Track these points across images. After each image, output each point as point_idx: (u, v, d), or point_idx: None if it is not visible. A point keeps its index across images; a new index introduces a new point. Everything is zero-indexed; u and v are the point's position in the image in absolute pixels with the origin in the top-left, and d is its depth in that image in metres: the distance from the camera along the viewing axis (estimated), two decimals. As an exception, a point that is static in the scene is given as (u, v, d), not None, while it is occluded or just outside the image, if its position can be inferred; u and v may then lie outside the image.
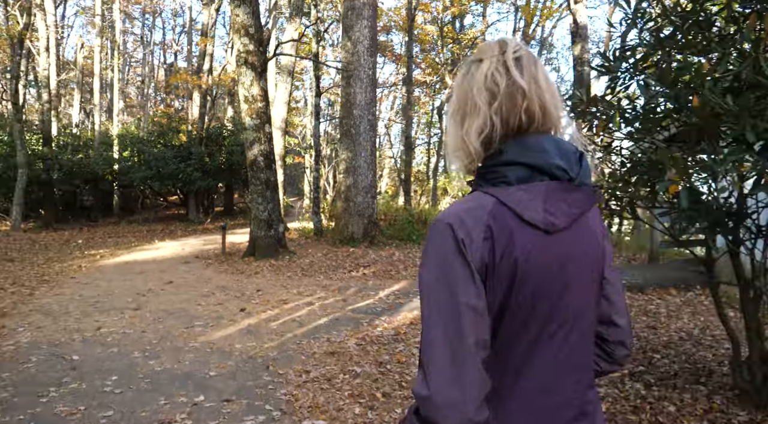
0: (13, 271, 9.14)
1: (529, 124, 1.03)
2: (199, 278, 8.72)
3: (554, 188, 1.00)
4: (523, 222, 0.97)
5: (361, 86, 11.41)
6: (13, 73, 14.43)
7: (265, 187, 10.20)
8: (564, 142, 1.05)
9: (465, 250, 0.96)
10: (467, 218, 0.98)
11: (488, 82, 1.04)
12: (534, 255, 0.98)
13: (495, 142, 1.03)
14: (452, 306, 0.96)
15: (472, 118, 1.05)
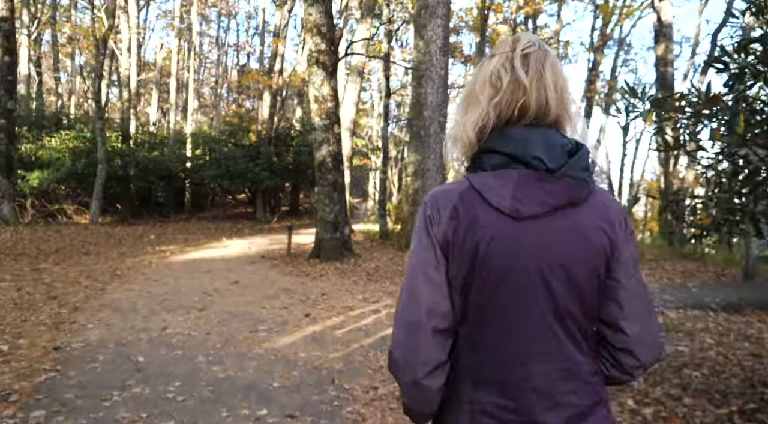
0: (88, 265, 9.38)
1: (519, 118, 1.08)
2: (264, 279, 8.64)
3: (527, 176, 1.04)
4: (490, 206, 1.03)
5: (432, 87, 11.07)
6: (96, 73, 15.05)
7: (333, 188, 10.04)
8: (555, 136, 1.08)
9: (431, 226, 1.06)
10: (440, 198, 1.08)
11: (493, 78, 1.10)
12: (498, 238, 1.03)
13: (486, 134, 1.09)
14: (414, 275, 1.07)
15: (473, 111, 1.11)
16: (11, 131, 13.90)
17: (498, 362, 1.08)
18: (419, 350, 1.06)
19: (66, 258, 10.06)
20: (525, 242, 1.04)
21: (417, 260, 1.09)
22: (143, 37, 34.16)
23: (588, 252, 1.08)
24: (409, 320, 1.07)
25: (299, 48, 21.04)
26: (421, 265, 1.08)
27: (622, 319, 1.13)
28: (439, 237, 1.06)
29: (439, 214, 1.07)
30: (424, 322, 1.05)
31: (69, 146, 16.66)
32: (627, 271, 1.12)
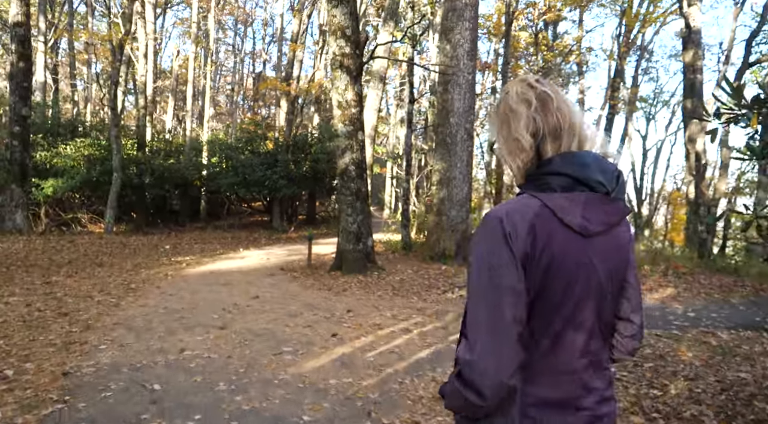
0: (101, 277, 9.01)
1: (563, 124, 1.24)
2: (285, 293, 8.20)
3: (593, 199, 1.20)
4: (562, 224, 1.17)
5: (459, 92, 10.63)
6: (112, 79, 14.78)
7: (356, 197, 9.60)
8: (604, 161, 1.25)
9: (511, 241, 1.16)
10: (515, 215, 1.18)
11: (521, 96, 1.28)
12: (569, 253, 1.18)
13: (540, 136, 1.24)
14: (496, 287, 1.15)
15: (516, 121, 1.27)
16: (26, 139, 13.66)
17: (554, 358, 1.21)
18: (506, 355, 1.14)
19: (79, 270, 9.70)
20: (590, 256, 1.20)
21: (497, 272, 1.16)
22: (160, 45, 34.21)
23: (624, 262, 1.28)
24: (493, 328, 1.15)
25: (317, 54, 20.72)
26: (503, 276, 1.15)
27: (632, 312, 1.35)
28: (519, 251, 1.15)
29: (516, 230, 1.16)
30: (510, 329, 1.14)
31: (84, 154, 16.40)
32: (633, 273, 1.33)
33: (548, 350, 1.21)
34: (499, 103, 1.33)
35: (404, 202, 12.50)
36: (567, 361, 1.22)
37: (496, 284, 1.15)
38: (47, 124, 17.92)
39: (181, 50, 32.44)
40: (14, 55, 13.19)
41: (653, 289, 8.61)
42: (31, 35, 13.78)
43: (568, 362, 1.22)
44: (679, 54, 32.38)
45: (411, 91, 11.83)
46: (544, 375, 1.21)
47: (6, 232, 13.49)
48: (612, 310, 1.29)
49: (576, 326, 1.21)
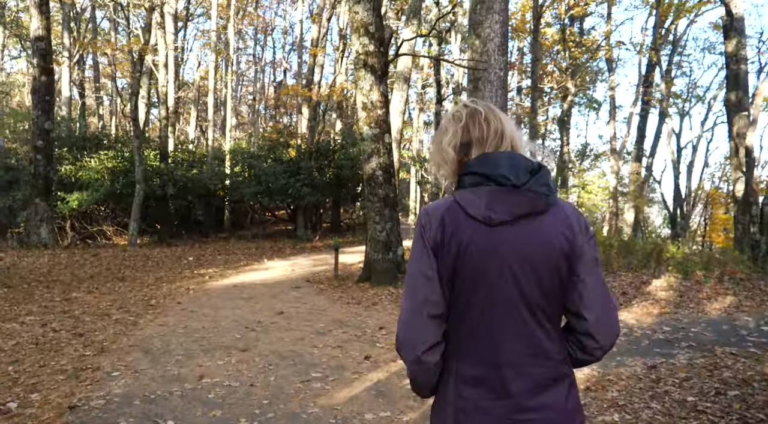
0: (121, 293, 8.65)
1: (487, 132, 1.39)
2: (312, 308, 7.72)
3: (497, 192, 1.31)
4: (468, 215, 1.31)
5: (491, 90, 10.04)
6: (133, 90, 14.58)
7: (384, 204, 9.10)
8: (519, 159, 1.35)
9: (424, 232, 1.34)
10: (431, 211, 1.36)
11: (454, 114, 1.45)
12: (476, 240, 1.29)
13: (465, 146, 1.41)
14: (413, 272, 1.35)
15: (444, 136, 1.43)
16: (49, 153, 13.50)
17: (476, 341, 1.33)
18: (418, 332, 1.31)
19: (100, 285, 9.38)
20: (497, 243, 1.30)
21: (414, 260, 1.36)
22: (182, 58, 34.32)
23: (550, 252, 1.32)
24: (410, 308, 1.33)
25: (338, 58, 20.33)
26: (418, 264, 1.34)
27: (582, 307, 1.36)
28: (431, 241, 1.33)
29: (431, 223, 1.34)
30: (421, 309, 1.31)
31: (108, 166, 16.24)
32: (587, 268, 1.36)
33: (472, 331, 1.32)
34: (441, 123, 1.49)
35: (434, 207, 11.92)
36: (491, 342, 1.31)
37: (412, 270, 1.34)
38: (72, 138, 17.85)
39: (202, 62, 32.49)
40: (36, 70, 13.05)
41: (711, 298, 7.90)
42: (52, 49, 13.64)
43: (493, 344, 1.31)
44: (713, 46, 31.23)
45: (438, 91, 11.28)
46: (472, 355, 1.33)
47: (32, 246, 13.33)
48: (547, 300, 1.33)
49: (494, 310, 1.30)
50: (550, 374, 1.32)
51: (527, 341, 1.31)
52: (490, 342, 1.31)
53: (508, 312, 1.30)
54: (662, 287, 9.21)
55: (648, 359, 5.36)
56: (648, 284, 9.36)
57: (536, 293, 1.31)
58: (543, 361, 1.32)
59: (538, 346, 1.32)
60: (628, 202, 26.52)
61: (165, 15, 17.36)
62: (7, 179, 17.00)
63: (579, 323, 1.37)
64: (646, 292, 8.92)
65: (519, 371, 1.30)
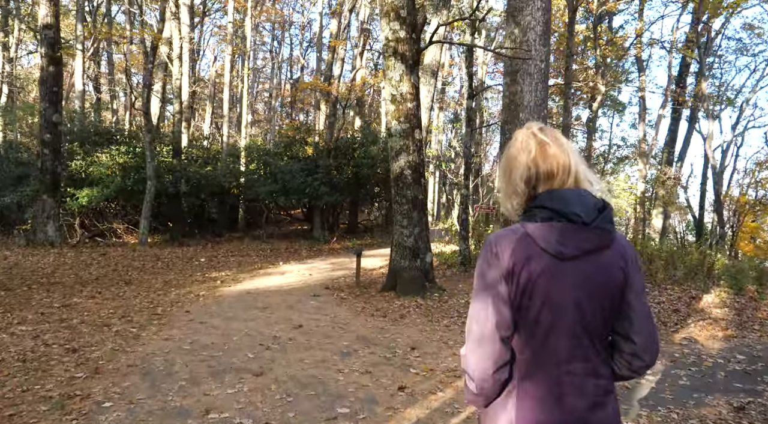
0: (126, 298, 7.96)
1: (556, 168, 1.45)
2: (333, 321, 6.95)
3: (569, 228, 1.38)
4: (540, 248, 1.37)
5: (530, 83, 9.22)
6: (145, 82, 13.90)
7: (412, 206, 8.32)
8: (587, 196, 1.42)
9: (497, 259, 1.39)
10: (502, 239, 1.41)
11: (524, 145, 1.50)
12: (546, 272, 1.36)
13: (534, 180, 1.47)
14: (485, 296, 1.39)
15: (516, 170, 1.49)
16: (57, 147, 12.89)
17: (540, 361, 1.39)
18: (492, 353, 1.37)
19: (104, 288, 8.71)
20: (565, 276, 1.37)
21: (486, 284, 1.40)
22: (198, 54, 33.78)
23: (610, 284, 1.41)
24: (481, 330, 1.38)
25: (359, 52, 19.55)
26: (490, 288, 1.38)
27: (632, 332, 1.45)
28: (503, 268, 1.38)
29: (502, 251, 1.39)
30: (494, 331, 1.37)
31: (119, 162, 15.63)
32: (637, 296, 1.45)
33: (536, 353, 1.39)
34: (508, 148, 1.54)
35: (463, 210, 11.10)
36: (553, 363, 1.38)
37: (484, 294, 1.39)
38: (84, 132, 17.26)
39: (218, 58, 31.95)
40: (44, 59, 12.44)
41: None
42: (60, 38, 13.03)
43: (554, 365, 1.38)
44: (746, 48, 30.02)
45: (471, 85, 10.43)
46: (535, 375, 1.39)
47: (38, 244, 12.74)
48: (603, 325, 1.41)
49: (558, 334, 1.37)
50: (602, 392, 1.40)
51: (585, 361, 1.39)
52: (553, 363, 1.38)
53: (570, 336, 1.38)
54: (715, 303, 8.36)
55: (731, 398, 4.54)
56: (698, 300, 8.51)
57: (597, 320, 1.40)
58: (597, 379, 1.40)
59: (593, 366, 1.40)
60: (656, 207, 25.48)
61: (180, 5, 16.72)
62: (18, 174, 16.46)
63: (627, 345, 1.45)
64: (698, 309, 8.07)
65: (579, 390, 1.37)
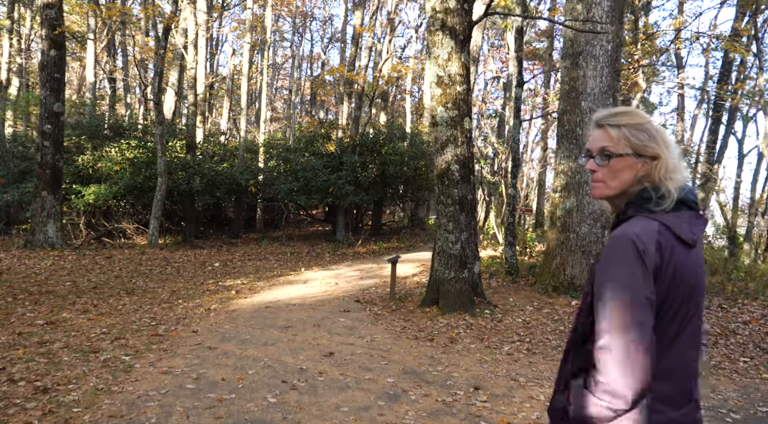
0: (125, 313, 6.79)
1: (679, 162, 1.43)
2: (371, 345, 5.70)
3: (693, 216, 1.39)
4: (677, 239, 1.34)
5: (595, 67, 7.93)
6: (156, 69, 12.79)
7: (459, 208, 7.06)
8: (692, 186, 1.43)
9: (644, 258, 1.29)
10: (643, 235, 1.32)
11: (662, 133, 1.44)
12: (684, 263, 1.34)
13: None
14: (638, 304, 1.27)
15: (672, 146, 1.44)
16: (58, 139, 11.80)
17: (673, 356, 1.35)
18: (648, 366, 1.26)
19: (102, 299, 7.58)
20: (696, 263, 1.37)
21: (637, 286, 1.28)
22: (216, 48, 32.81)
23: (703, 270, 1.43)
24: (639, 342, 1.25)
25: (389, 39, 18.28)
26: (642, 290, 1.28)
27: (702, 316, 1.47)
28: (651, 266, 1.30)
29: (647, 248, 1.30)
30: (651, 334, 1.27)
31: (128, 157, 14.56)
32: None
33: (669, 349, 1.34)
34: (660, 131, 1.44)
35: (510, 213, 9.78)
36: (683, 359, 1.36)
37: (637, 301, 1.27)
38: (92, 125, 16.24)
39: (237, 51, 30.93)
40: (44, 42, 11.37)
41: None
42: (63, 18, 11.95)
43: (683, 360, 1.36)
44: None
45: (520, 70, 9.13)
46: (666, 372, 1.33)
47: (36, 246, 11.68)
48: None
49: (689, 328, 1.36)
50: None
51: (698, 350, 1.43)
52: (682, 357, 1.36)
53: (697, 324, 1.39)
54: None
55: None
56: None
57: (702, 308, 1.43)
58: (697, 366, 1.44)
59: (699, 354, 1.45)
60: (698, 210, 23.94)
61: (196, -10, 15.61)
62: (21, 170, 15.51)
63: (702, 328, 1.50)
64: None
65: (695, 377, 1.41)
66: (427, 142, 16.26)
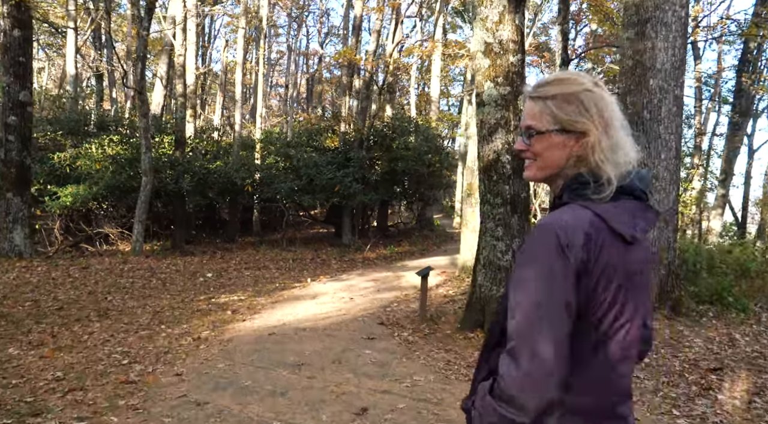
0: (90, 347, 5.35)
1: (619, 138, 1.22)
2: (413, 394, 4.26)
3: (637, 207, 1.21)
4: (613, 233, 1.14)
5: (666, 37, 6.53)
6: (138, 53, 11.27)
7: (511, 209, 5.66)
8: (641, 171, 1.24)
9: (567, 253, 1.11)
10: (569, 227, 1.13)
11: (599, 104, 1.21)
12: (618, 261, 1.14)
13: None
14: (551, 301, 1.10)
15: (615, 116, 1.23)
16: (25, 134, 10.30)
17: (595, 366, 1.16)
18: (557, 370, 1.09)
19: (66, 326, 6.15)
20: (634, 263, 1.18)
21: (552, 286, 1.11)
22: (208, 42, 31.32)
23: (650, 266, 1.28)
24: (549, 344, 1.09)
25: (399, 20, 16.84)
26: (557, 290, 1.11)
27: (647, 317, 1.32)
28: (576, 262, 1.11)
29: (573, 241, 1.11)
30: (563, 344, 1.10)
31: (110, 153, 13.08)
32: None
33: (590, 358, 1.16)
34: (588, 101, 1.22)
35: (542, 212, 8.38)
36: (609, 371, 1.18)
37: (551, 299, 1.11)
38: (72, 120, 14.74)
39: (230, 43, 29.48)
40: (6, 21, 9.85)
41: None
42: (30, -7, 10.46)
43: (609, 372, 1.18)
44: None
45: (564, 47, 7.69)
46: (584, 383, 1.16)
47: (1, 256, 10.19)
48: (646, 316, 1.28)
49: (620, 336, 1.17)
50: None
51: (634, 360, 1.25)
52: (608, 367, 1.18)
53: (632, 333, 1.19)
54: None
55: None
56: None
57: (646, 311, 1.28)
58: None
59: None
60: (716, 207, 22.78)
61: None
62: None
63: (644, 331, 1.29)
64: None
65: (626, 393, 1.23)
66: (441, 136, 14.87)
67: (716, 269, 7.60)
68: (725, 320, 6.21)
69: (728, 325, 6.14)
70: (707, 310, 6.74)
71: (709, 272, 7.68)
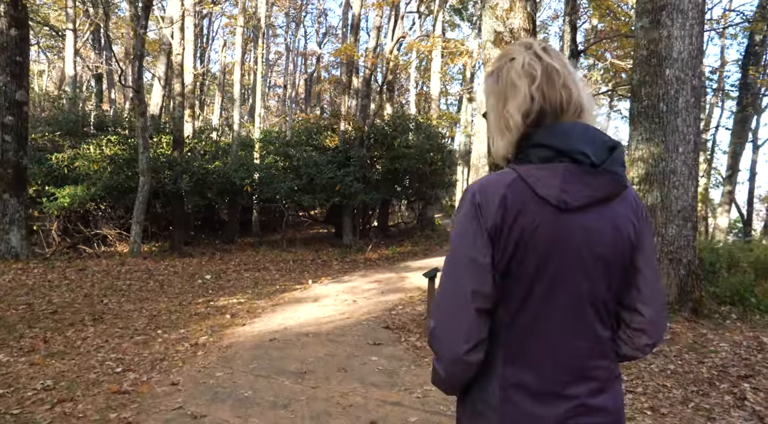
0: (83, 353, 5.09)
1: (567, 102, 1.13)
2: (426, 406, 3.99)
3: (574, 171, 1.09)
4: (537, 196, 1.08)
5: (683, 25, 6.28)
6: (136, 50, 11.03)
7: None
8: (596, 132, 1.13)
9: (480, 213, 1.09)
10: (488, 187, 1.11)
11: (526, 68, 1.15)
12: (543, 227, 1.07)
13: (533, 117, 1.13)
14: (459, 257, 1.11)
15: (513, 98, 1.15)
16: (22, 134, 10.05)
17: (531, 340, 1.11)
18: (463, 329, 1.09)
19: (60, 330, 5.88)
20: (568, 231, 1.08)
21: (462, 244, 1.11)
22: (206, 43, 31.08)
23: (620, 242, 1.13)
24: (453, 299, 1.10)
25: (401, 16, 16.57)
26: (466, 249, 1.09)
27: (639, 302, 1.18)
28: (488, 223, 1.08)
29: (488, 202, 1.09)
30: (468, 302, 1.08)
31: (108, 154, 12.83)
32: (647, 259, 1.18)
33: (528, 331, 1.12)
34: (499, 75, 1.20)
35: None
36: (551, 344, 1.11)
37: (459, 255, 1.11)
38: (70, 121, 14.48)
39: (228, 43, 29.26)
40: (3, 20, 9.62)
41: None
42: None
43: (552, 345, 1.11)
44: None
45: (573, 38, 7.43)
46: (525, 357, 1.12)
47: (-2, 257, 9.94)
48: (610, 294, 1.15)
49: (556, 305, 1.11)
50: (608, 375, 1.15)
51: (588, 339, 1.13)
52: (547, 342, 1.11)
53: (571, 309, 1.11)
54: None
55: None
56: None
57: (603, 288, 1.13)
58: (601, 361, 1.15)
59: (598, 345, 1.14)
60: (723, 204, 22.54)
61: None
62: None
63: (634, 317, 1.19)
64: None
65: (579, 374, 1.12)
66: (442, 135, 14.62)
67: (736, 268, 7.33)
68: (750, 322, 5.95)
69: (754, 327, 5.87)
70: (729, 311, 6.48)
71: (728, 271, 7.43)
